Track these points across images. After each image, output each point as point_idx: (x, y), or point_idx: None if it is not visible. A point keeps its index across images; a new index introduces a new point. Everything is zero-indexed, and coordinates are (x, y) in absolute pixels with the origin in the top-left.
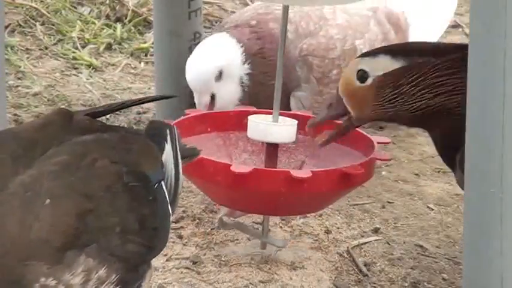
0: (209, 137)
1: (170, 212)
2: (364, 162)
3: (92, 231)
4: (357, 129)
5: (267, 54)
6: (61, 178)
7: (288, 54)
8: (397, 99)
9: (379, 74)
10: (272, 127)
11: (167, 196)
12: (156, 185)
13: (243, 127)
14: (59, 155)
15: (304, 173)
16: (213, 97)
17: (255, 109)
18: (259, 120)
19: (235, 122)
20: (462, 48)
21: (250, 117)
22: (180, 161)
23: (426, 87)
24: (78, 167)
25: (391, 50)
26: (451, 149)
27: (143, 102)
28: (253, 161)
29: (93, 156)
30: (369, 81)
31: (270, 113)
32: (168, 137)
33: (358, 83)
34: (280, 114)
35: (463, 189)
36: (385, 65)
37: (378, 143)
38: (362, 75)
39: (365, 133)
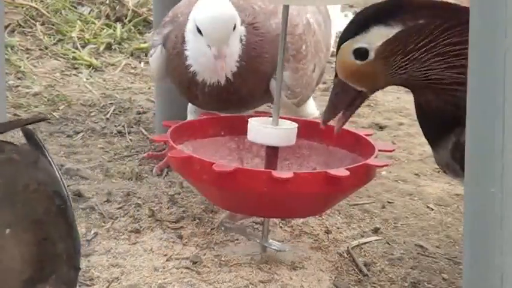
0: (222, 141)
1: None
2: (353, 167)
3: (50, 260)
4: (368, 139)
5: (257, 25)
6: (4, 205)
7: (268, 35)
8: (408, 65)
9: (379, 44)
10: (270, 130)
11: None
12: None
13: None
14: None
15: (285, 174)
16: None
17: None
18: (259, 123)
19: None
20: (462, 9)
21: (250, 120)
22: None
23: (439, 55)
24: (15, 192)
25: (381, 17)
26: (440, 126)
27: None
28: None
29: (23, 181)
30: (371, 55)
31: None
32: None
33: (359, 62)
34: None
35: (439, 167)
36: (382, 34)
37: (380, 150)
38: (361, 53)
39: (373, 142)
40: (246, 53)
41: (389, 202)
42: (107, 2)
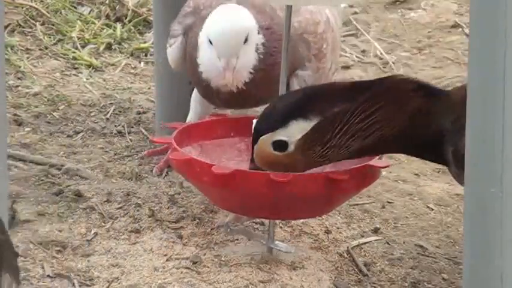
0: (232, 142)
1: None
2: (352, 169)
3: None
4: None
5: (275, 29)
6: None
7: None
8: (328, 152)
9: (298, 138)
10: None
11: None
12: None
13: None
14: None
15: (283, 176)
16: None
17: None
18: None
19: None
20: (371, 85)
21: (254, 121)
22: None
23: (354, 134)
24: None
25: (300, 111)
26: (434, 149)
27: None
28: None
29: None
30: (291, 147)
31: None
32: None
33: (278, 153)
34: None
35: (460, 183)
36: (300, 128)
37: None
38: (280, 145)
39: None
40: (261, 62)
41: (389, 202)
42: (107, 2)
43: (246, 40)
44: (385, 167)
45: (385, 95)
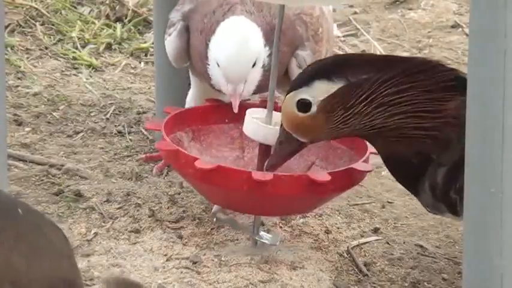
0: (225, 128)
1: None
2: (336, 172)
3: None
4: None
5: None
6: None
7: (284, 26)
8: (351, 119)
9: (321, 99)
10: (263, 128)
11: None
12: None
13: None
14: None
15: (265, 175)
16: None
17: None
18: (255, 117)
19: None
20: (406, 61)
21: (248, 112)
22: None
23: (380, 106)
24: None
25: (324, 72)
26: (411, 171)
27: None
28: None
29: None
30: (313, 108)
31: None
32: None
33: (302, 115)
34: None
35: (434, 213)
36: (324, 89)
37: (371, 153)
38: (304, 105)
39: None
40: (267, 71)
41: (389, 202)
42: (107, 2)
43: (254, 65)
44: (368, 171)
45: (420, 76)
